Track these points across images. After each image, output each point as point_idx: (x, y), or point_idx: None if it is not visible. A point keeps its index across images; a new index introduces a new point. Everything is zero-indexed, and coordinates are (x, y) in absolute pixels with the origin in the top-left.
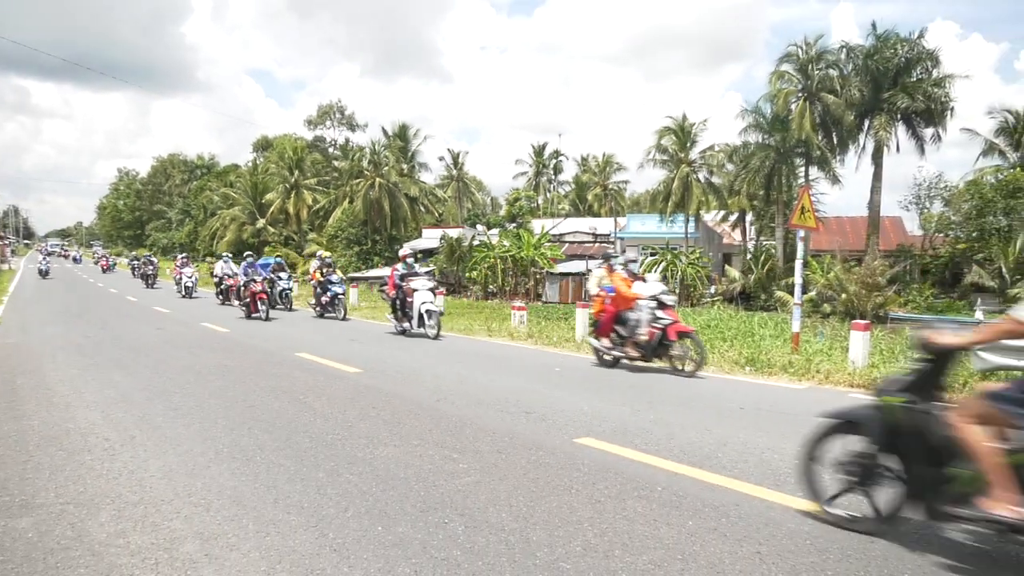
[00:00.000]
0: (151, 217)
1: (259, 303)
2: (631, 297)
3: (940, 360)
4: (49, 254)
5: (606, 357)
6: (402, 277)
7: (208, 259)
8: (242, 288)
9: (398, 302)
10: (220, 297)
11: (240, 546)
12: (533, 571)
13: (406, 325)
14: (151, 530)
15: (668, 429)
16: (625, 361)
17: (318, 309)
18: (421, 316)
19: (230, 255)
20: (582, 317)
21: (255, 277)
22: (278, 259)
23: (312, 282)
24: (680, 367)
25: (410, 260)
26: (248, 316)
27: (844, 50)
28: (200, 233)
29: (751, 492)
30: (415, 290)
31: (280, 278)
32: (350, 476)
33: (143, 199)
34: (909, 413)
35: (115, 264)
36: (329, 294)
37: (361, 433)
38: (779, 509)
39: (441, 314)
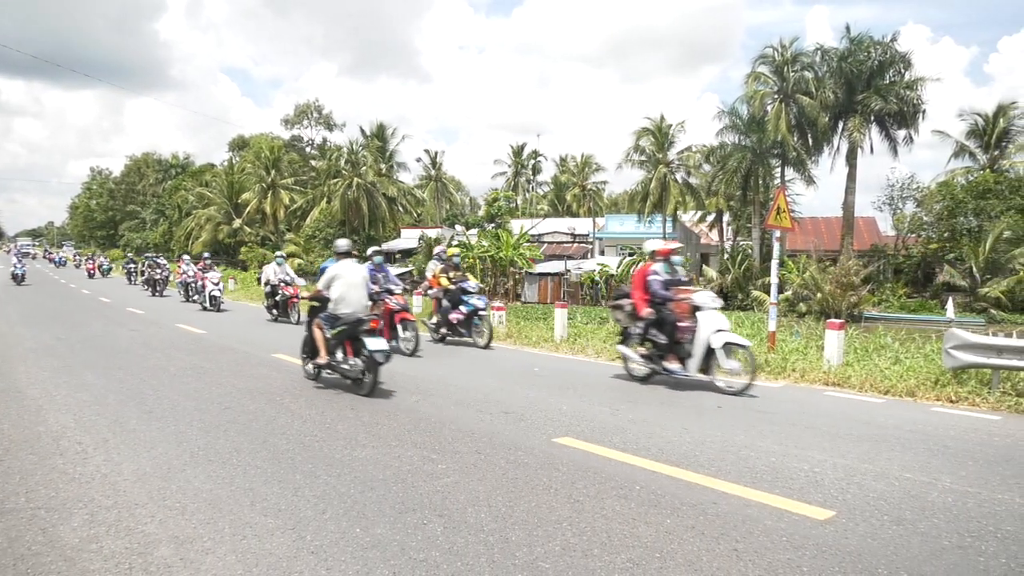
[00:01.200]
0: (124, 217)
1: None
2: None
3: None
4: (24, 255)
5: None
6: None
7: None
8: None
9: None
10: (274, 312)
11: (216, 550)
12: (512, 571)
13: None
14: (125, 534)
15: (647, 428)
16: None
17: (442, 332)
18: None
19: (284, 256)
20: (561, 317)
21: (391, 288)
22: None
23: (433, 292)
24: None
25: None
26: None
27: (819, 52)
28: (175, 233)
29: (728, 490)
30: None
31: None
32: (328, 478)
33: (116, 199)
34: None
35: (110, 268)
36: (464, 309)
37: (339, 434)
38: (756, 507)
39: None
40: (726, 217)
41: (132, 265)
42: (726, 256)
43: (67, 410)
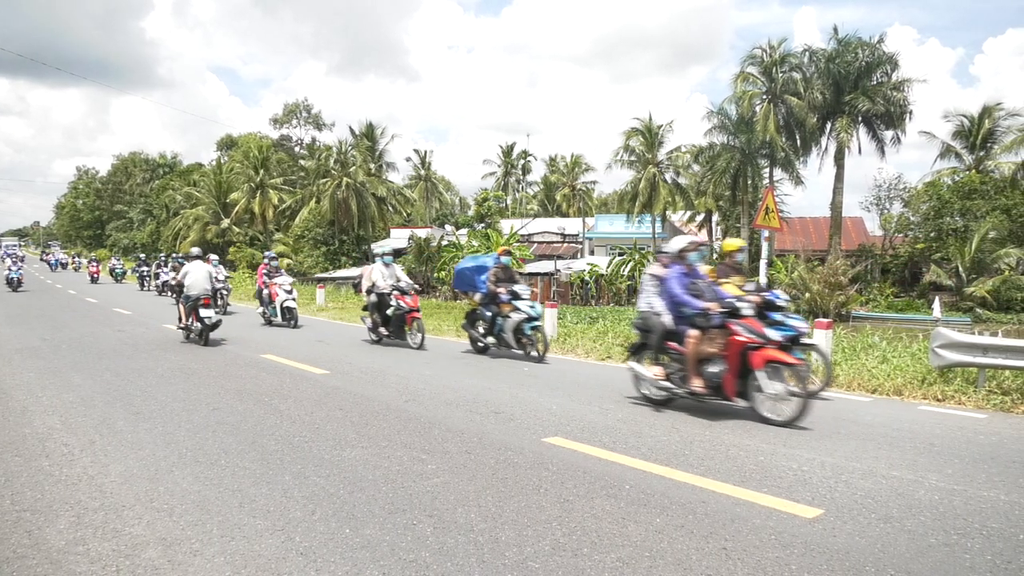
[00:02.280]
0: (111, 217)
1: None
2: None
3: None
4: (21, 258)
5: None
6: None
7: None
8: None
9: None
10: (382, 332)
11: (204, 551)
12: (502, 571)
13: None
14: (112, 536)
15: (636, 428)
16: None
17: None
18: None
19: (392, 255)
20: (551, 317)
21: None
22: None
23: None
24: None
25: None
26: None
27: (807, 53)
28: (163, 233)
29: (717, 489)
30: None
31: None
32: (317, 479)
33: (103, 198)
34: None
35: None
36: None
37: (328, 435)
38: (745, 505)
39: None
40: (715, 217)
41: (145, 268)
42: (716, 256)
43: (53, 411)
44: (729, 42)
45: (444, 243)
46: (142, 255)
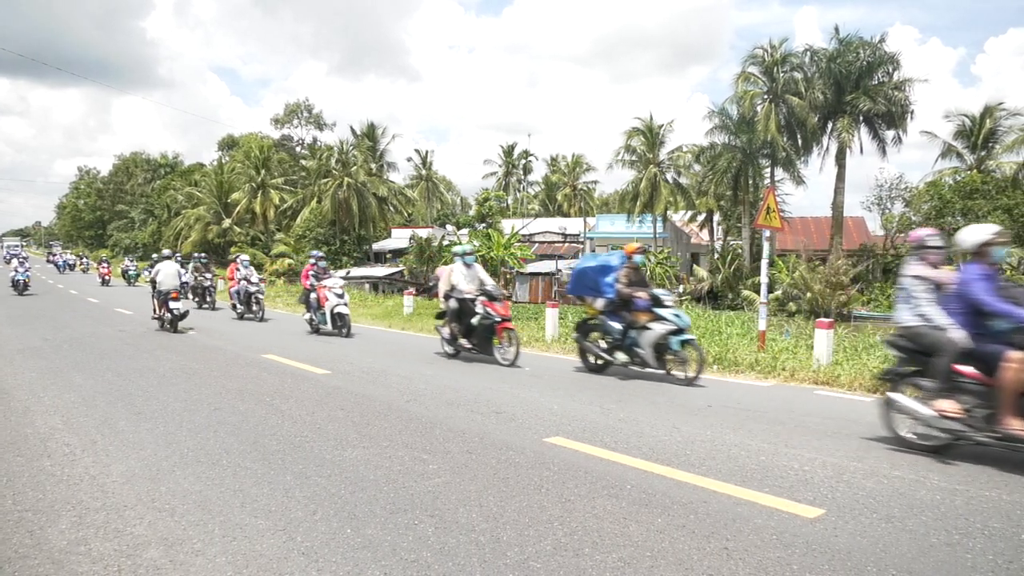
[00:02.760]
0: (113, 217)
1: None
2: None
3: None
4: (26, 259)
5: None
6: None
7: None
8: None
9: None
10: (465, 344)
11: (206, 551)
12: (504, 571)
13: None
14: (113, 536)
15: (637, 428)
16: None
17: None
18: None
19: (472, 253)
20: (552, 317)
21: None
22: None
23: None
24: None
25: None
26: None
27: (808, 53)
28: (164, 233)
29: (718, 489)
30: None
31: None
32: (318, 479)
33: (104, 198)
34: None
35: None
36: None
37: (330, 435)
38: (746, 505)
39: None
40: (716, 217)
41: (207, 275)
42: (716, 256)
43: (55, 411)
44: (729, 42)
45: (445, 243)
46: (155, 255)
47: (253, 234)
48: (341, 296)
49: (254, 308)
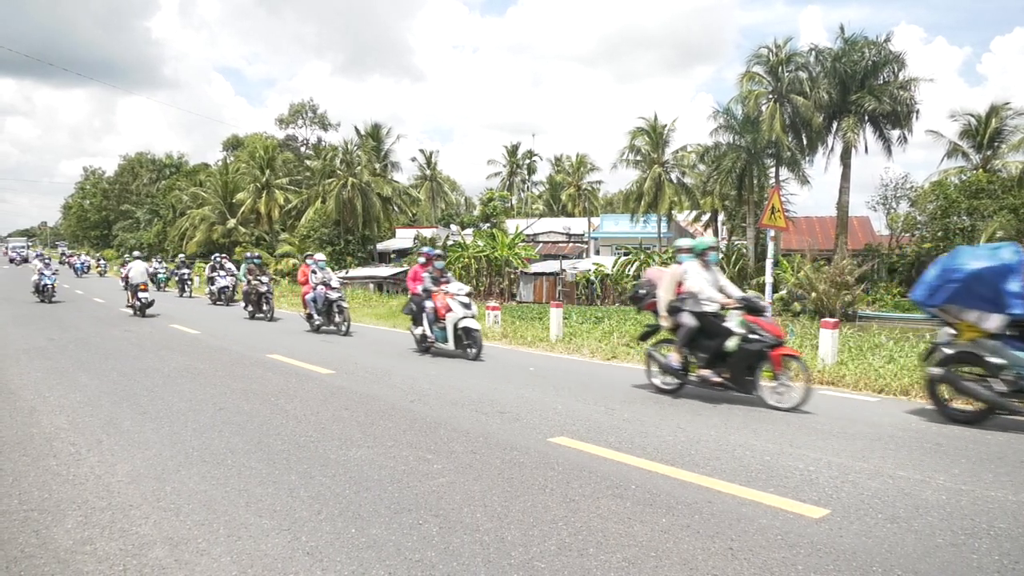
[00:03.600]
0: (118, 217)
1: None
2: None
3: None
4: (49, 261)
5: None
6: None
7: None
8: None
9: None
10: (722, 377)
11: (211, 551)
12: (508, 571)
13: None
14: (119, 536)
15: (641, 427)
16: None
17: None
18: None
19: (714, 248)
20: (556, 317)
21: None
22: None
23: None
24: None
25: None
26: None
27: (813, 53)
28: (169, 233)
29: (723, 489)
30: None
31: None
32: (323, 478)
33: (110, 198)
34: None
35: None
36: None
37: (334, 435)
38: (751, 505)
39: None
40: (721, 217)
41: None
42: (720, 255)
43: (60, 411)
44: (734, 41)
45: (449, 243)
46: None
47: (258, 234)
48: (468, 306)
49: (336, 319)
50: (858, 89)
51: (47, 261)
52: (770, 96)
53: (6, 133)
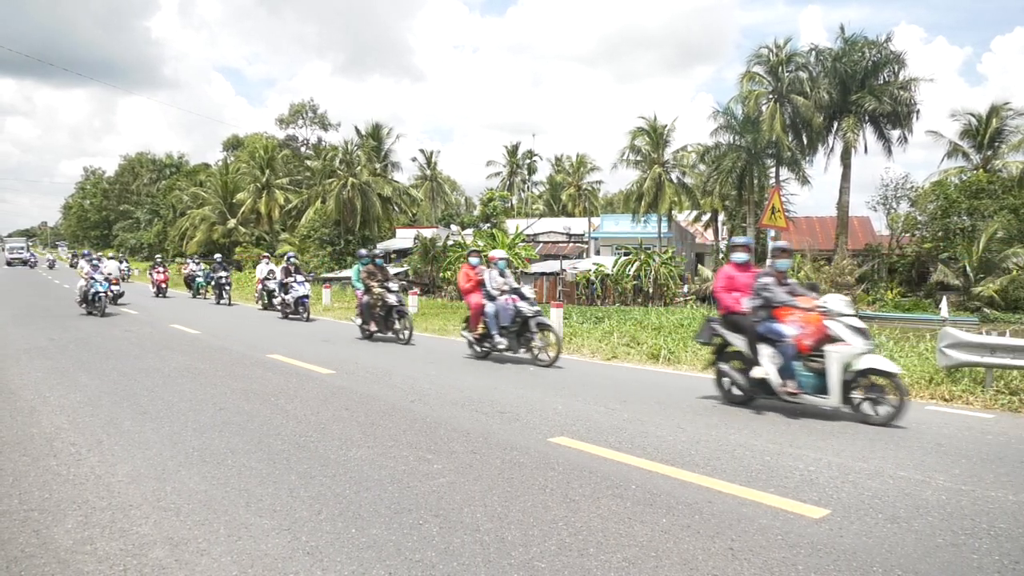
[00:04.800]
0: (118, 217)
1: None
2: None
3: None
4: (98, 261)
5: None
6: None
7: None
8: None
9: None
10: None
11: (211, 551)
12: (508, 571)
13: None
14: (119, 536)
15: (642, 427)
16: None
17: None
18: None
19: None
20: (557, 317)
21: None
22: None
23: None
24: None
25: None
26: None
27: (813, 53)
28: (169, 233)
29: (723, 489)
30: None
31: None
32: (323, 478)
33: (110, 198)
34: None
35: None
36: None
37: (334, 435)
38: (751, 505)
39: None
40: (721, 217)
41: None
42: (721, 256)
43: (61, 411)
44: (734, 41)
45: (450, 243)
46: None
47: (258, 234)
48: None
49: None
50: (858, 89)
51: (95, 261)
52: (770, 96)
53: (6, 133)
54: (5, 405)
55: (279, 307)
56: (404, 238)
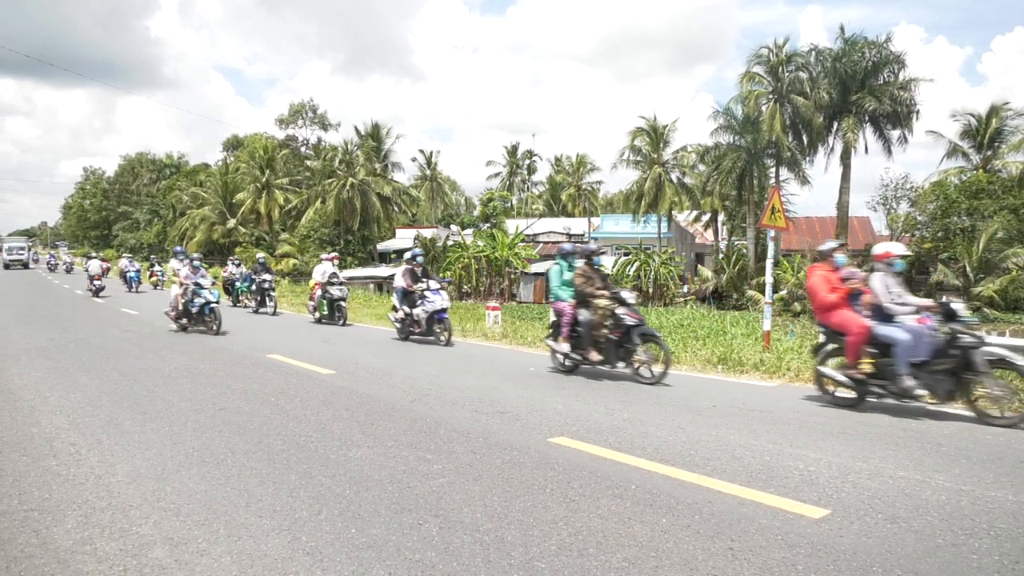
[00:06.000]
0: (118, 217)
1: None
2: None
3: None
4: (197, 264)
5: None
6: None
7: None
8: None
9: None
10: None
11: (211, 551)
12: (508, 571)
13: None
14: (119, 536)
15: (642, 428)
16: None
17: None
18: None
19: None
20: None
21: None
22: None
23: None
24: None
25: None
26: None
27: (813, 53)
28: (169, 233)
29: (723, 489)
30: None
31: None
32: (323, 478)
33: (110, 199)
34: None
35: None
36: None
37: (334, 435)
38: (751, 505)
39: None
40: (721, 217)
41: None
42: (721, 256)
43: (61, 411)
44: (735, 41)
45: (449, 243)
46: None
47: (258, 234)
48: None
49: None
50: (858, 89)
51: (195, 262)
52: (770, 96)
53: (6, 133)
54: (5, 405)
55: (332, 319)
56: (404, 238)
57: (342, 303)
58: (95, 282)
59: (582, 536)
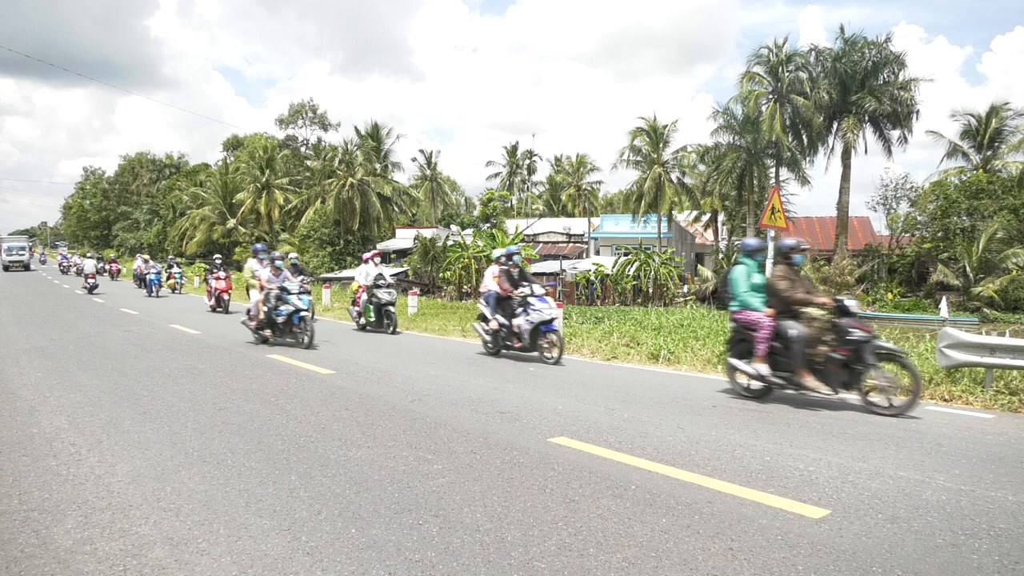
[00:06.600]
0: (118, 217)
1: None
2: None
3: None
4: (297, 266)
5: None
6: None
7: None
8: None
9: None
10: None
11: (211, 551)
12: (508, 571)
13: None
14: (119, 536)
15: (642, 428)
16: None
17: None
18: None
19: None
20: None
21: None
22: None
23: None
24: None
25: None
26: None
27: (813, 53)
28: (169, 233)
29: (723, 489)
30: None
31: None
32: (323, 479)
33: (110, 199)
34: None
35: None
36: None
37: (334, 435)
38: (751, 505)
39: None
40: (721, 217)
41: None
42: (721, 256)
43: (60, 411)
44: (735, 41)
45: (449, 243)
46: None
47: (258, 234)
48: None
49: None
50: (858, 89)
51: (277, 262)
52: (770, 96)
53: (6, 133)
54: (5, 405)
55: (370, 326)
56: (404, 238)
57: (391, 308)
58: (89, 280)
59: (582, 536)
